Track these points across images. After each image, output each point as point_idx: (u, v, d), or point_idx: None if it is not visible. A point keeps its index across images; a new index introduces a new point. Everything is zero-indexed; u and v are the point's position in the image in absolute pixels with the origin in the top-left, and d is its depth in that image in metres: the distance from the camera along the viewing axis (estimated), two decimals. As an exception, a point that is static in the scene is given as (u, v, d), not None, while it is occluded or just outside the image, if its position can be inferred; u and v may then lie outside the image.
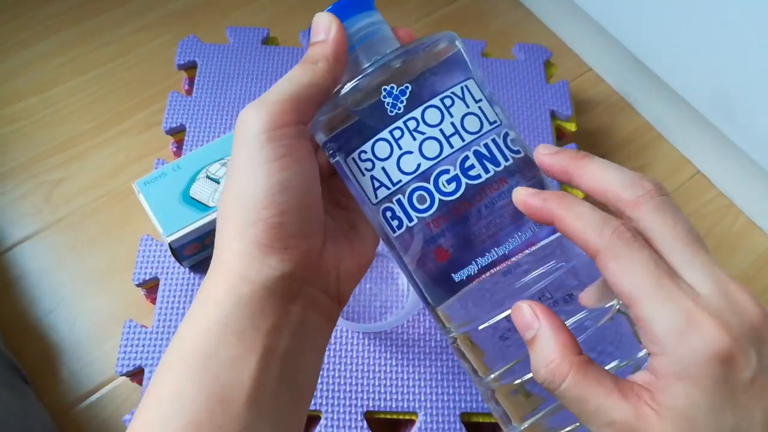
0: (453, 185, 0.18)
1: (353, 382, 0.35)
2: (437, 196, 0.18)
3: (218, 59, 0.46)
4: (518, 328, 0.17)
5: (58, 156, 0.49)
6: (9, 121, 0.51)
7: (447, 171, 0.18)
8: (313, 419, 0.35)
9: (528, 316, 0.17)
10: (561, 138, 0.48)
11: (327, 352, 0.36)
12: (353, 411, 0.34)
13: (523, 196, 0.18)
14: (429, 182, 0.18)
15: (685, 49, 0.45)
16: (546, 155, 0.19)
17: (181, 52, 0.46)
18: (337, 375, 0.35)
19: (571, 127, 0.47)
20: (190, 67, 0.46)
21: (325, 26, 0.21)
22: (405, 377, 0.35)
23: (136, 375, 0.35)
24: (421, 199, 0.19)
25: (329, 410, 0.34)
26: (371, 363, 0.36)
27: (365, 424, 0.34)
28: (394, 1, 0.61)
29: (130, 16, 0.57)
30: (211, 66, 0.45)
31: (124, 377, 0.35)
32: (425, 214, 0.19)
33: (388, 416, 0.35)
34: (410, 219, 0.19)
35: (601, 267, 0.16)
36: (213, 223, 0.35)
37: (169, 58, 0.54)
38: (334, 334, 0.36)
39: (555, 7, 0.60)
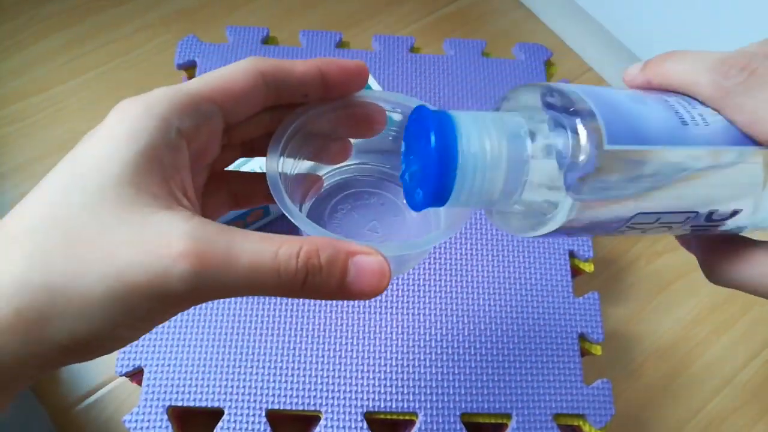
0: None
1: (353, 382, 0.35)
2: None
3: (218, 59, 0.46)
4: None
5: (58, 156, 0.49)
6: (9, 121, 0.51)
7: None
8: (313, 419, 0.35)
9: None
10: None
11: (327, 352, 0.36)
12: (353, 411, 0.34)
13: (625, 76, 0.19)
14: None
15: (686, 48, 0.45)
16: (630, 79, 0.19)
17: (180, 51, 0.45)
18: (337, 375, 0.35)
19: (572, 126, 0.47)
20: (189, 67, 0.46)
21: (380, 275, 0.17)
22: (405, 377, 0.35)
23: (136, 375, 0.35)
24: None
25: (329, 410, 0.34)
26: (371, 363, 0.36)
27: (365, 425, 0.34)
28: (394, 2, 0.61)
29: (130, 16, 0.57)
30: (210, 65, 0.45)
31: (124, 377, 0.35)
32: None
33: (388, 416, 0.35)
34: None
35: (723, 112, 0.16)
36: None
37: (168, 57, 0.54)
38: (333, 332, 0.36)
39: (555, 7, 0.60)
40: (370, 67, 0.46)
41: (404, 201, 0.23)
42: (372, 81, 0.42)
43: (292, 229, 0.40)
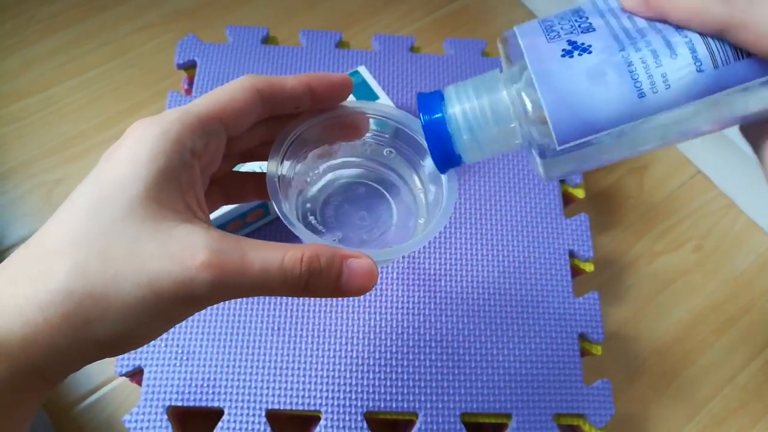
0: None
1: (353, 382, 0.35)
2: None
3: (218, 59, 0.45)
4: None
5: (57, 156, 0.49)
6: (8, 121, 0.51)
7: None
8: (313, 419, 0.35)
9: None
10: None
11: (327, 352, 0.36)
12: (353, 411, 0.34)
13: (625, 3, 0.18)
14: None
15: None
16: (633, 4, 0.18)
17: (180, 51, 0.45)
18: (337, 375, 0.35)
19: (572, 126, 0.47)
20: (189, 67, 0.46)
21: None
22: (405, 377, 0.35)
23: (136, 375, 0.35)
24: None
25: (329, 410, 0.34)
26: (371, 363, 0.36)
27: (365, 425, 0.34)
28: (394, 1, 0.61)
29: (130, 16, 0.57)
30: (210, 65, 0.45)
31: (124, 377, 0.35)
32: None
33: (388, 416, 0.35)
34: None
35: (734, 41, 0.17)
36: (214, 221, 0.35)
37: (168, 57, 0.54)
38: (333, 332, 0.36)
39: (554, 7, 0.60)
40: (370, 67, 0.46)
41: (388, 190, 0.27)
42: (372, 81, 0.42)
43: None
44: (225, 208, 0.35)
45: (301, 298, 0.37)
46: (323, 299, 0.37)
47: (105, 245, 0.16)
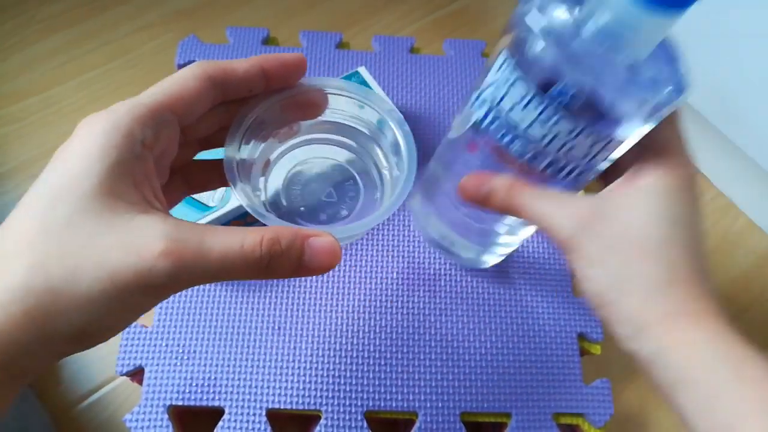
0: None
1: (353, 382, 0.35)
2: None
3: (218, 59, 0.46)
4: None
5: (58, 156, 0.49)
6: (9, 121, 0.51)
7: None
8: (313, 419, 0.35)
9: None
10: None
11: (327, 352, 0.36)
12: (353, 411, 0.34)
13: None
14: None
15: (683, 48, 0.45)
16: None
17: (181, 52, 0.46)
18: (337, 375, 0.35)
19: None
20: (190, 67, 0.46)
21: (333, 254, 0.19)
22: (405, 377, 0.35)
23: (137, 375, 0.35)
24: None
25: (329, 410, 0.34)
26: (371, 363, 0.36)
27: (365, 424, 0.34)
28: (394, 1, 0.61)
29: (130, 16, 0.57)
30: (211, 66, 0.45)
31: (124, 377, 0.35)
32: None
33: (388, 416, 0.35)
34: None
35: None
36: (215, 221, 0.35)
37: (168, 57, 0.54)
38: (333, 332, 0.36)
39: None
40: (370, 68, 0.46)
41: (353, 166, 0.27)
42: (372, 82, 0.42)
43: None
44: (225, 208, 0.35)
45: (304, 296, 0.37)
46: (328, 297, 0.37)
47: (63, 240, 0.16)
